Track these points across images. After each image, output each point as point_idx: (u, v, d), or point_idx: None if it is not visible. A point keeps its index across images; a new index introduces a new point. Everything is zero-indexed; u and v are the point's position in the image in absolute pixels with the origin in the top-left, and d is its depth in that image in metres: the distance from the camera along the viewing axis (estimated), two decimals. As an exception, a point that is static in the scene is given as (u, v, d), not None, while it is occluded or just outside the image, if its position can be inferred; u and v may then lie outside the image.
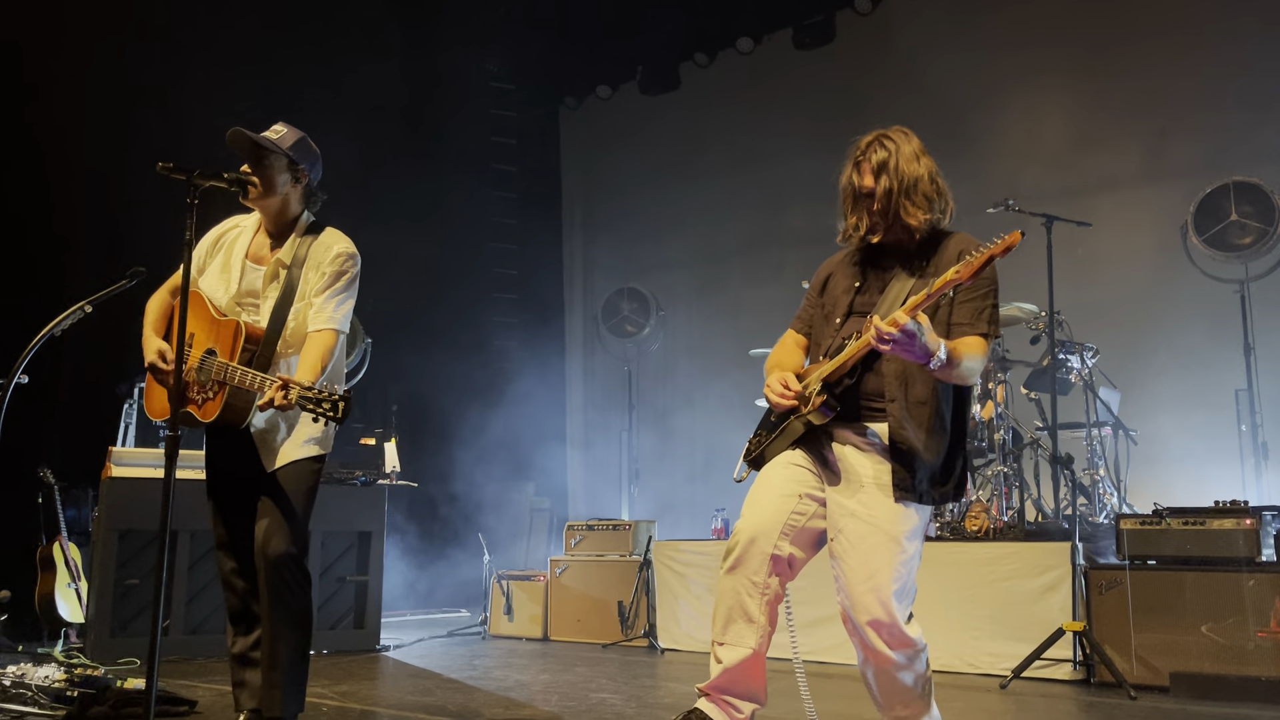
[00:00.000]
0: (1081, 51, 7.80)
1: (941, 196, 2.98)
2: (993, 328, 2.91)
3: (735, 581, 2.89)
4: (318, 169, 3.62)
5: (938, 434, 2.88)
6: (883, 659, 2.81)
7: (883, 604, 2.78)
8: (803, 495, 2.92)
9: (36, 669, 4.40)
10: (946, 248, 2.96)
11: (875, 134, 3.02)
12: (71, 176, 7.58)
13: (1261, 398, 6.78)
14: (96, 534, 5.99)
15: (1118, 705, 4.56)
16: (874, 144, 3.00)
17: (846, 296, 3.05)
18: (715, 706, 2.92)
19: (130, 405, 6.79)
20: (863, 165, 2.99)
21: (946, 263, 2.85)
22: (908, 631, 2.82)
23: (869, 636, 2.81)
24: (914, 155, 2.97)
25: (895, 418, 2.86)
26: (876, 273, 3.04)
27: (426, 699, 4.72)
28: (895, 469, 2.83)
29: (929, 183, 2.96)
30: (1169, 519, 5.07)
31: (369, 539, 6.55)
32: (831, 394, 2.87)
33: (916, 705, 2.90)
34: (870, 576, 2.80)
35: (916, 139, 3.03)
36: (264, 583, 3.39)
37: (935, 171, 2.99)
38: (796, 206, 8.79)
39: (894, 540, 2.81)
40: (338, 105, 8.54)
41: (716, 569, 6.62)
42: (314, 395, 3.03)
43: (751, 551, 2.88)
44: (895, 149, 2.96)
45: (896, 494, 2.82)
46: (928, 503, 2.88)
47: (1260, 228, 6.78)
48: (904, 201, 2.92)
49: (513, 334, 10.37)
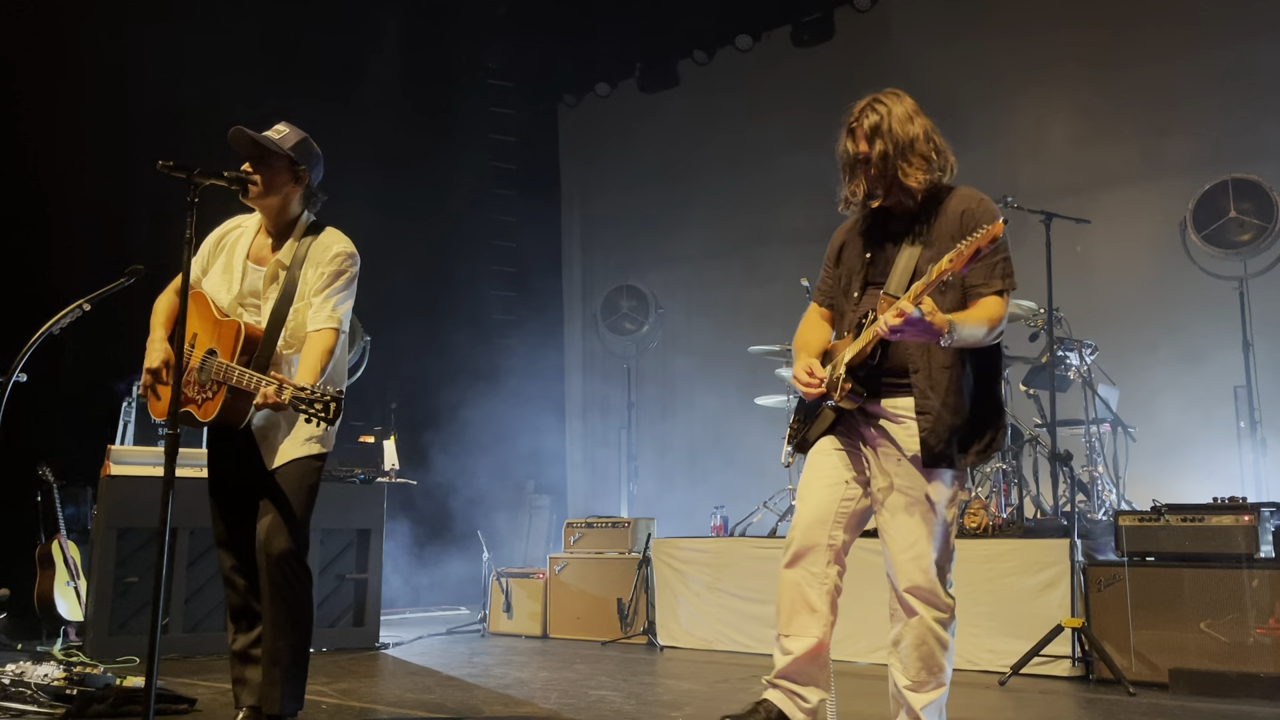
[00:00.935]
0: (1080, 48, 7.79)
1: (941, 154, 2.99)
2: (1008, 281, 2.92)
3: (796, 574, 3.01)
4: (319, 169, 3.62)
5: (964, 396, 2.92)
6: (922, 624, 2.91)
7: (923, 571, 2.90)
8: (848, 481, 3.03)
9: (36, 667, 4.39)
10: (948, 206, 2.98)
11: (868, 98, 3.04)
12: (70, 175, 7.56)
13: (1260, 394, 6.79)
14: (95, 532, 5.99)
15: (1116, 702, 4.56)
16: (866, 109, 3.01)
17: (859, 268, 3.09)
18: (783, 696, 3.04)
19: (129, 403, 6.79)
20: (856, 131, 3.02)
21: (949, 222, 2.93)
22: (943, 594, 2.93)
23: (910, 602, 2.91)
24: (907, 116, 2.98)
25: (920, 389, 2.91)
26: (884, 241, 3.06)
27: (426, 696, 4.72)
28: (925, 439, 2.88)
29: (925, 141, 2.96)
30: (1168, 515, 5.07)
31: (368, 536, 6.55)
32: (856, 380, 2.93)
33: (940, 675, 2.97)
34: (911, 545, 2.90)
35: (910, 100, 3.03)
36: (265, 580, 3.40)
37: (931, 129, 3.00)
38: (796, 203, 8.79)
39: (931, 508, 2.91)
40: (336, 104, 8.53)
41: (716, 566, 6.64)
42: (307, 396, 3.03)
43: (809, 545, 3.00)
44: (887, 112, 2.98)
45: (929, 462, 2.88)
46: (961, 467, 2.95)
47: (1259, 224, 6.78)
48: (900, 163, 2.94)
49: (512, 331, 10.37)
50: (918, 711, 2.96)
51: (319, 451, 3.53)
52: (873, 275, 3.05)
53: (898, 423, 2.95)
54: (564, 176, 11.03)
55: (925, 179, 2.94)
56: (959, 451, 2.91)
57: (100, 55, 7.56)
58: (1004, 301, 2.90)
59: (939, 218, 2.96)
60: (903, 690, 2.99)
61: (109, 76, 7.56)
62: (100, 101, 7.57)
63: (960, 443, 2.91)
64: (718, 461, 9.09)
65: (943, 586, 2.93)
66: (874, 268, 3.05)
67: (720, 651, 6.32)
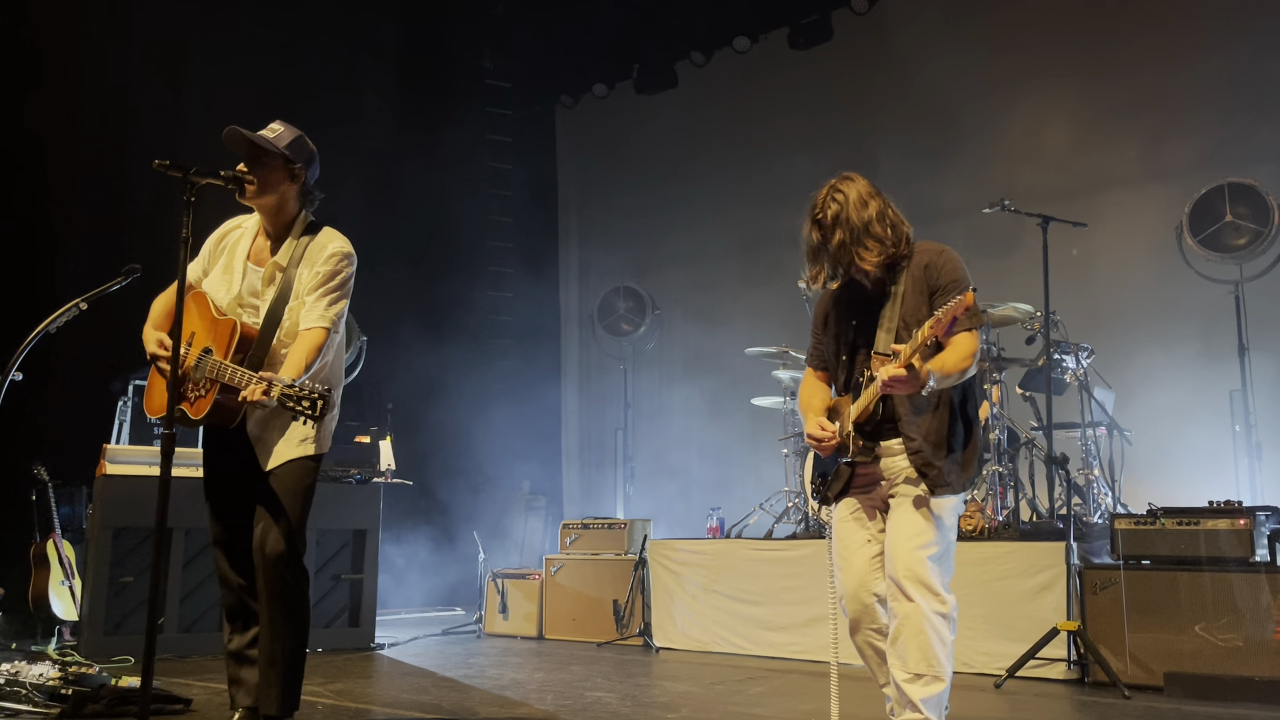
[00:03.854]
0: (1078, 52, 7.81)
1: (893, 230, 3.22)
2: (975, 319, 3.14)
3: (861, 638, 3.31)
4: (314, 168, 3.62)
5: (952, 425, 3.21)
6: (919, 611, 3.05)
7: (922, 561, 3.08)
8: (871, 539, 3.30)
9: (31, 667, 4.38)
10: (913, 264, 3.26)
11: (827, 188, 3.27)
12: (68, 174, 7.56)
13: (1255, 398, 6.79)
14: (90, 531, 5.98)
15: (1112, 705, 4.57)
16: (827, 199, 3.25)
17: (847, 335, 3.37)
18: None
19: (125, 402, 6.78)
20: (822, 220, 3.25)
21: (915, 279, 3.24)
22: (940, 589, 3.09)
23: (908, 588, 3.08)
24: (861, 201, 3.21)
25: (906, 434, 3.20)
26: (862, 307, 3.33)
27: (421, 697, 4.72)
28: (924, 476, 3.16)
29: (878, 223, 3.20)
30: (1163, 519, 5.08)
31: (364, 537, 6.55)
32: (864, 436, 3.23)
33: (938, 668, 3.06)
34: (913, 536, 3.12)
35: (863, 181, 3.28)
36: (261, 581, 3.40)
37: (884, 207, 3.24)
38: (793, 205, 8.62)
39: (932, 513, 3.15)
40: (334, 104, 8.53)
41: (712, 567, 6.63)
42: (294, 393, 3.03)
43: (862, 608, 3.27)
44: (844, 200, 3.21)
45: (933, 492, 3.15)
46: (959, 490, 3.22)
47: (1255, 229, 6.79)
48: (856, 250, 3.20)
49: (508, 332, 10.36)
50: (916, 702, 3.04)
51: (315, 452, 3.53)
52: (858, 340, 3.33)
53: (898, 454, 3.24)
54: (561, 178, 11.02)
55: (878, 260, 3.20)
56: (956, 474, 3.20)
57: (99, 56, 7.55)
58: (975, 336, 3.17)
59: (906, 277, 3.24)
60: (902, 684, 3.07)
61: (108, 76, 7.55)
62: (99, 102, 7.56)
63: (956, 467, 3.20)
64: (714, 463, 9.09)
65: (940, 580, 3.10)
66: (857, 333, 3.33)
67: (716, 653, 6.32)
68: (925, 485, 3.14)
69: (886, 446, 3.25)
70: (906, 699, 3.06)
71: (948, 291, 3.13)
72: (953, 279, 3.18)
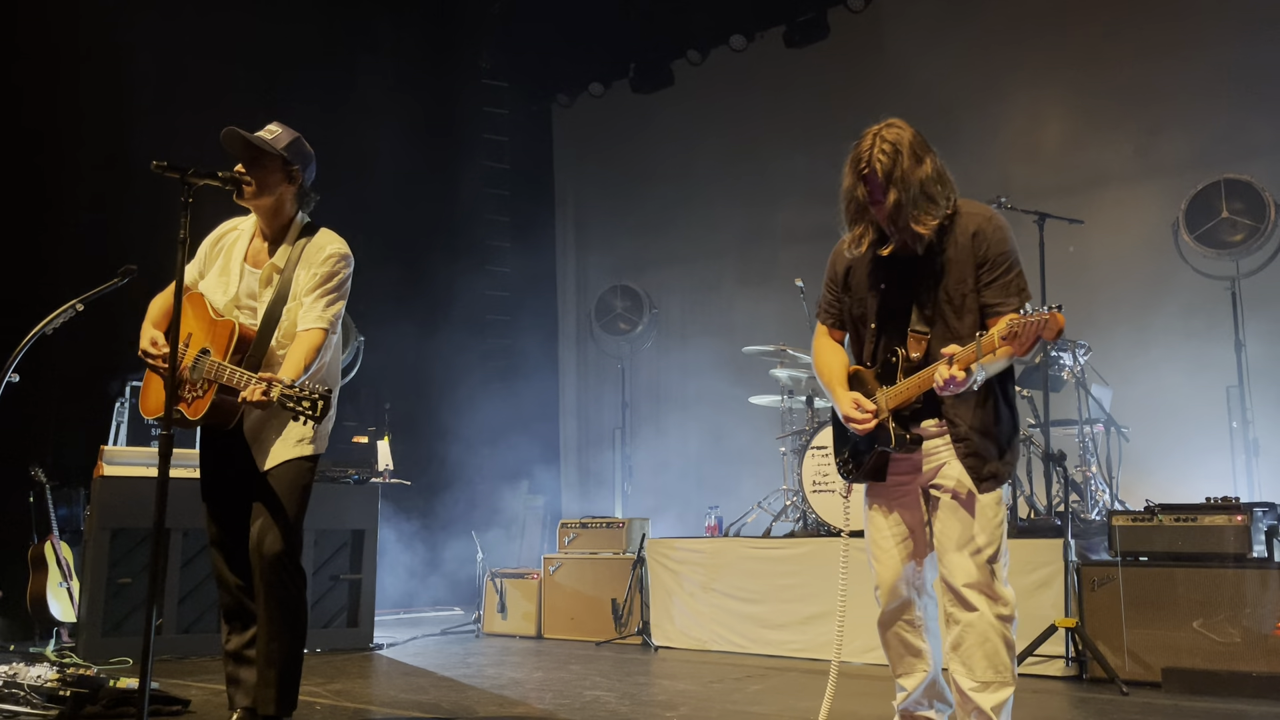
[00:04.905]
0: (1073, 49, 7.81)
1: (945, 186, 2.93)
2: (1023, 295, 2.93)
3: (893, 631, 3.14)
4: (312, 169, 3.62)
5: (997, 411, 3.00)
6: (984, 619, 2.90)
7: (980, 566, 2.91)
8: (911, 530, 3.10)
9: (29, 668, 4.38)
10: (958, 227, 2.96)
11: (873, 137, 2.92)
12: (65, 175, 7.55)
13: (1252, 394, 6.80)
14: (88, 533, 5.97)
15: (1110, 701, 4.57)
16: (875, 151, 2.89)
17: (874, 298, 3.08)
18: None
19: (122, 404, 6.77)
20: (868, 176, 2.90)
21: (961, 248, 2.94)
22: (1001, 590, 2.93)
23: (969, 596, 2.90)
24: (916, 156, 2.89)
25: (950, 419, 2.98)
26: (895, 268, 3.03)
27: (420, 697, 4.72)
28: (971, 471, 2.95)
29: (935, 182, 2.90)
30: (1160, 515, 5.09)
31: (362, 537, 6.54)
32: (906, 426, 3.01)
33: (1005, 673, 2.92)
34: (968, 542, 2.92)
35: (911, 130, 2.95)
36: (259, 582, 3.40)
37: (937, 162, 2.94)
38: (789, 203, 8.80)
39: (984, 508, 2.94)
40: (331, 104, 8.52)
41: (711, 566, 6.62)
42: (294, 394, 3.03)
43: (896, 601, 3.11)
44: (898, 156, 2.87)
45: (979, 488, 2.94)
46: (1005, 480, 3.01)
47: (1251, 225, 6.80)
48: (912, 211, 2.88)
49: (505, 332, 10.36)
50: (987, 710, 2.90)
51: (311, 452, 3.53)
52: (889, 307, 3.05)
53: (935, 438, 3.03)
54: (558, 176, 11.02)
55: (934, 223, 2.90)
56: (1000, 464, 2.98)
57: (98, 56, 7.54)
58: None
59: (951, 243, 2.95)
60: (969, 694, 2.93)
61: (107, 77, 7.54)
62: (97, 103, 7.55)
63: (1000, 455, 2.99)
64: (712, 461, 9.10)
65: (1001, 579, 2.93)
66: (889, 299, 3.04)
67: (715, 652, 6.32)
68: (972, 480, 2.93)
69: (924, 427, 3.02)
70: (974, 706, 2.92)
71: (997, 266, 2.90)
72: (1002, 252, 2.92)
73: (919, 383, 2.91)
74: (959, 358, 2.76)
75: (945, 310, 2.96)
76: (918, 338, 2.96)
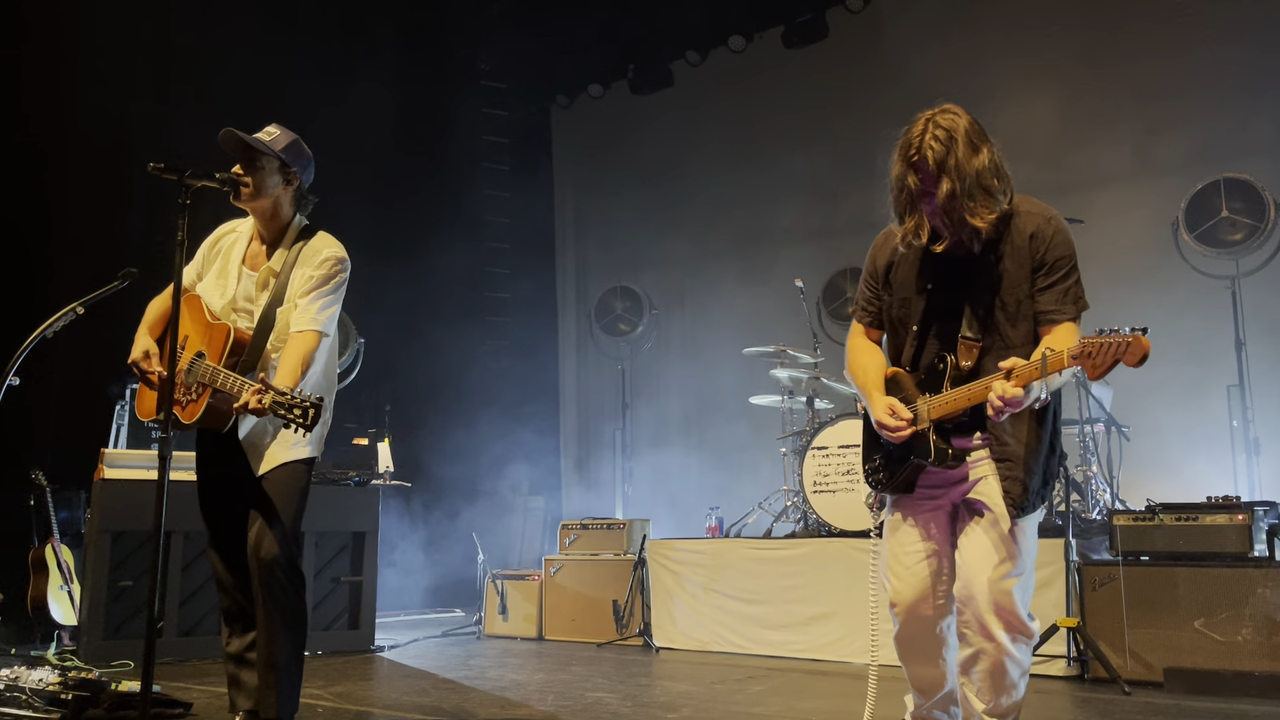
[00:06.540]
0: (1073, 49, 7.82)
1: (1003, 181, 2.74)
2: (1081, 304, 2.75)
3: (912, 647, 2.97)
4: (310, 171, 3.61)
5: (1041, 429, 2.81)
6: (1001, 648, 2.76)
7: (1007, 593, 2.74)
8: (938, 548, 2.91)
9: (30, 672, 4.38)
10: (1015, 228, 2.76)
11: (925, 122, 2.73)
12: (64, 177, 7.55)
13: (1253, 393, 6.81)
14: (89, 536, 5.97)
15: (1112, 701, 4.57)
16: (928, 137, 2.69)
17: (920, 298, 2.87)
18: None
19: (122, 407, 6.77)
20: (918, 163, 2.69)
21: (1018, 249, 2.74)
22: (1024, 620, 2.79)
23: (990, 625, 2.75)
24: (972, 144, 2.69)
25: (996, 435, 2.78)
26: (945, 268, 2.82)
27: (422, 699, 4.71)
28: (1008, 490, 2.76)
29: (991, 174, 2.69)
30: (1161, 515, 5.08)
31: (363, 539, 6.54)
32: (947, 440, 2.81)
33: (1015, 694, 2.84)
34: (996, 566, 2.74)
35: (967, 117, 2.75)
36: (257, 585, 3.39)
37: (995, 153, 2.74)
38: (789, 204, 8.80)
39: (1015, 535, 2.76)
40: (329, 105, 8.51)
41: (712, 567, 6.61)
42: (286, 402, 3.02)
43: (919, 623, 2.93)
44: (953, 143, 2.66)
45: (1016, 513, 2.76)
46: (1042, 504, 2.84)
47: (1251, 224, 6.80)
48: (968, 203, 2.66)
49: (506, 333, 10.36)
50: None
51: (308, 455, 3.52)
52: (936, 308, 2.84)
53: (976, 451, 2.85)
54: (557, 178, 11.03)
55: (992, 217, 2.68)
56: (1039, 491, 2.81)
57: (96, 58, 7.54)
58: (1078, 328, 2.72)
59: (1007, 243, 2.75)
60: (981, 714, 2.87)
61: (105, 79, 7.54)
62: (95, 105, 7.55)
63: (1040, 484, 2.82)
64: (712, 462, 9.10)
65: (1025, 608, 2.79)
66: (936, 300, 2.83)
67: (716, 653, 6.32)
68: (1009, 504, 2.73)
69: (966, 442, 2.83)
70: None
71: (1055, 270, 2.69)
72: (1062, 256, 2.71)
73: (969, 395, 2.69)
74: (1019, 373, 2.54)
75: (999, 317, 2.75)
76: (969, 345, 2.75)
